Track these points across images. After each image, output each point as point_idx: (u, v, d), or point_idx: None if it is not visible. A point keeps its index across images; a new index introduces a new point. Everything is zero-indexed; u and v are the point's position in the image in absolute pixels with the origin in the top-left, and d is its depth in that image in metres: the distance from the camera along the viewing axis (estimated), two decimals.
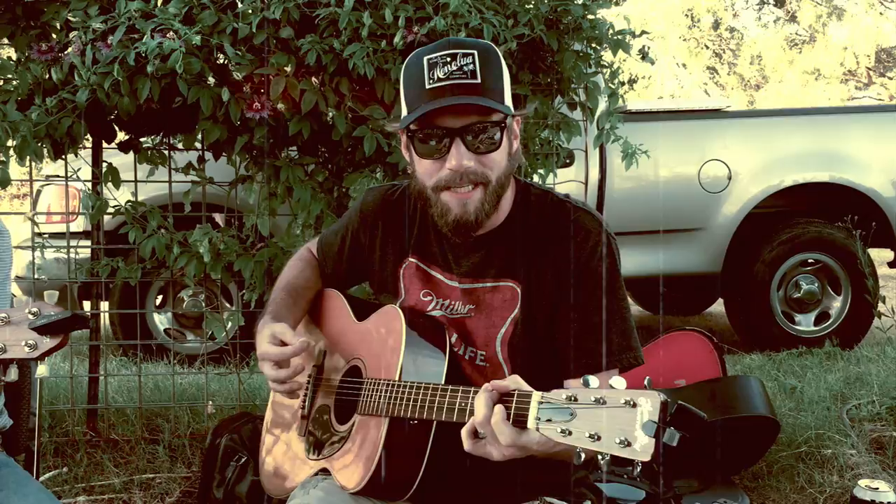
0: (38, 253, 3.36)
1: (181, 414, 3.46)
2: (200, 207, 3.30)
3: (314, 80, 2.91)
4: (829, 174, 5.25)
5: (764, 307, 5.23)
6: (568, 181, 4.32)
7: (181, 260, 3.07)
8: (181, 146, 3.23)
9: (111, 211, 3.18)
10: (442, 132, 1.51)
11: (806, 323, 5.34)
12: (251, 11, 2.81)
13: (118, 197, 3.19)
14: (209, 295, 4.39)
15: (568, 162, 4.58)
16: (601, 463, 1.13)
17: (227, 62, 2.85)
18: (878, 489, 2.23)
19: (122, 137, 3.22)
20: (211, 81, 2.78)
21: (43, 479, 2.92)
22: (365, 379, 1.65)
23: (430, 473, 1.52)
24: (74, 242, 3.41)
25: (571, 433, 1.16)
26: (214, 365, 3.88)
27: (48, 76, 2.87)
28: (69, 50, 2.84)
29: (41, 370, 1.43)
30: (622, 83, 3.18)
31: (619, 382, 1.15)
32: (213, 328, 3.74)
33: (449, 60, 1.51)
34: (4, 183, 2.90)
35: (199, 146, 3.21)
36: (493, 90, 1.52)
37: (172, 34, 2.69)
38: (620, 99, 3.14)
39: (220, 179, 3.27)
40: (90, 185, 3.24)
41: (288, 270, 1.93)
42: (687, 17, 18.02)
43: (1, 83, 2.95)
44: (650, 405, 1.11)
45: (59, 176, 3.53)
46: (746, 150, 5.26)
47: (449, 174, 1.53)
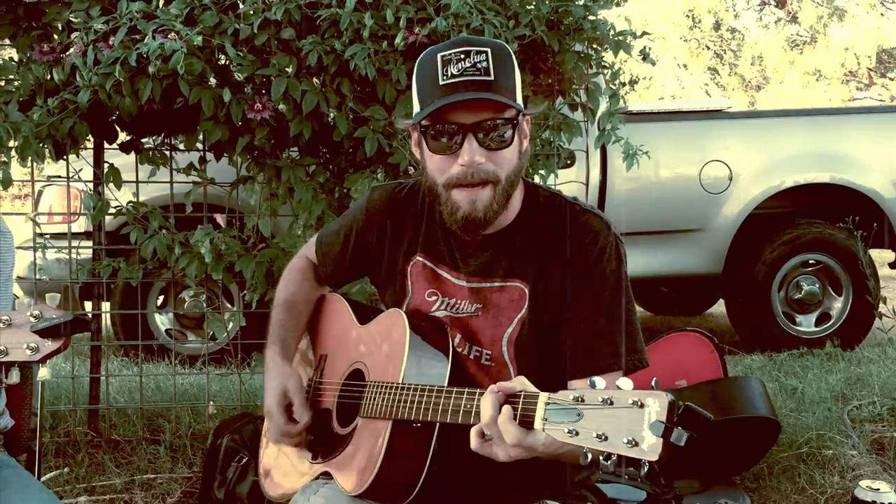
0: (39, 253, 3.36)
1: (182, 414, 3.46)
2: (202, 208, 3.30)
3: (315, 80, 2.91)
4: (829, 175, 5.25)
5: (765, 308, 5.23)
6: (569, 182, 4.32)
7: (182, 260, 3.07)
8: (182, 147, 3.24)
9: (112, 211, 3.19)
10: (455, 128, 1.52)
11: (807, 324, 5.34)
12: (252, 12, 2.82)
13: (120, 197, 3.19)
14: (210, 295, 4.39)
15: (569, 163, 4.58)
16: (608, 464, 1.13)
17: (228, 63, 2.85)
18: (879, 490, 2.23)
19: (123, 138, 3.23)
20: (212, 82, 2.78)
21: (44, 479, 2.92)
22: (368, 382, 1.65)
23: (431, 476, 1.52)
24: (76, 243, 3.42)
25: (578, 433, 1.16)
26: (216, 365, 3.88)
27: (50, 77, 2.88)
28: (71, 51, 2.85)
29: (43, 373, 1.43)
30: (623, 84, 3.18)
31: (625, 383, 1.16)
32: (214, 329, 3.73)
33: (463, 57, 1.51)
34: (6, 183, 2.91)
35: (200, 147, 3.22)
36: (505, 88, 1.52)
37: (174, 35, 2.70)
38: (621, 100, 3.14)
39: (221, 180, 3.27)
40: (92, 185, 3.24)
41: (286, 285, 1.93)
42: (688, 17, 18.00)
43: (3, 84, 2.95)
44: (658, 405, 1.11)
45: (60, 176, 3.53)
46: (747, 150, 5.26)
47: (460, 170, 1.53)
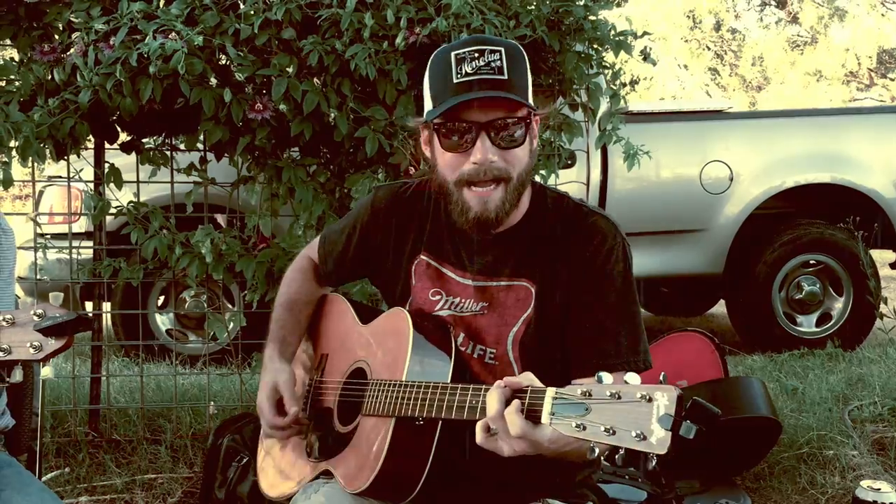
0: (40, 254, 3.36)
1: (183, 414, 3.47)
2: (202, 208, 3.30)
3: (316, 80, 2.91)
4: (830, 175, 5.25)
5: (765, 308, 5.23)
6: (569, 182, 4.32)
7: (183, 260, 3.07)
8: (183, 147, 3.24)
9: (113, 212, 3.19)
10: (468, 126, 1.52)
11: (807, 324, 5.34)
12: (253, 12, 2.82)
13: (120, 198, 3.19)
14: (211, 295, 4.39)
15: (569, 163, 4.58)
16: (608, 464, 1.13)
17: (229, 63, 2.86)
18: (880, 490, 2.23)
19: (124, 138, 3.23)
20: (213, 82, 2.78)
21: (45, 479, 2.92)
22: (370, 381, 1.65)
23: (433, 475, 1.52)
24: (77, 243, 3.42)
25: (586, 427, 1.16)
26: (216, 365, 3.88)
27: (51, 77, 2.88)
28: (71, 51, 2.85)
29: (45, 372, 1.43)
30: (624, 84, 3.18)
31: (633, 378, 1.16)
32: (214, 329, 3.73)
33: (477, 56, 1.52)
34: (7, 183, 2.91)
35: (201, 147, 3.22)
36: (518, 87, 1.53)
37: (175, 35, 2.70)
38: (622, 100, 3.14)
39: (222, 180, 3.27)
40: (92, 185, 3.24)
41: (288, 284, 1.93)
42: (688, 18, 18.00)
43: (4, 84, 2.96)
44: (666, 399, 1.11)
45: (61, 177, 3.53)
46: (748, 151, 5.26)
47: (472, 168, 1.54)
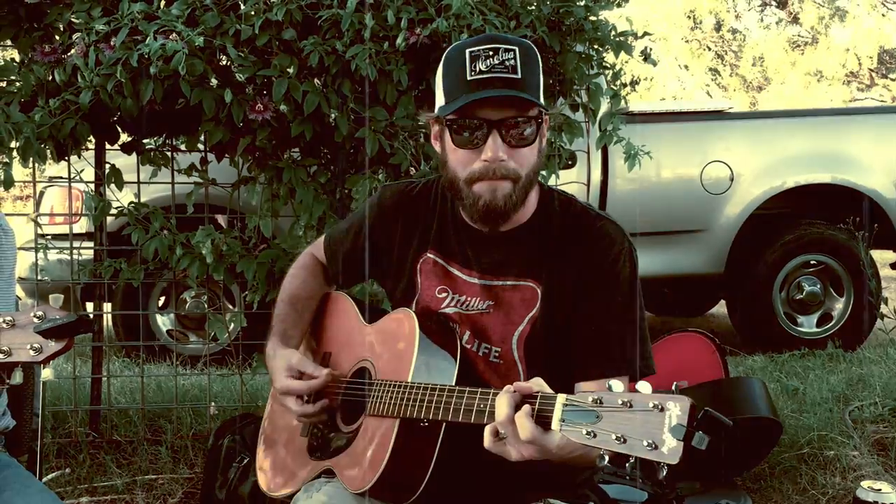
0: (41, 254, 3.36)
1: (184, 415, 3.46)
2: (203, 209, 3.30)
3: (316, 81, 2.91)
4: (831, 175, 5.25)
5: (766, 308, 5.23)
6: (570, 182, 4.33)
7: (184, 261, 3.07)
8: (184, 148, 3.24)
9: (114, 212, 3.19)
10: (480, 123, 1.54)
11: (808, 324, 5.33)
12: (254, 13, 2.82)
13: (121, 198, 3.19)
14: (212, 296, 4.39)
15: (570, 163, 4.57)
16: (626, 465, 1.14)
17: (229, 64, 2.85)
18: (880, 490, 2.22)
19: (124, 139, 3.23)
20: (214, 83, 2.78)
21: (46, 480, 2.92)
22: (374, 381, 1.65)
23: (435, 475, 1.52)
24: (77, 244, 3.42)
25: (597, 435, 1.16)
26: (217, 366, 3.88)
27: (51, 78, 2.87)
28: (72, 51, 2.85)
29: (46, 374, 1.43)
30: (624, 84, 3.17)
31: (644, 387, 1.16)
32: (215, 329, 3.74)
33: (491, 54, 1.53)
34: (8, 184, 2.91)
35: (201, 147, 3.22)
36: (531, 87, 1.55)
37: (175, 36, 2.70)
38: (622, 100, 3.14)
39: (222, 181, 3.27)
40: (93, 186, 3.24)
41: (291, 280, 1.92)
42: (689, 18, 17.98)
43: (4, 85, 2.96)
44: (678, 409, 1.11)
45: (62, 177, 3.53)
46: (748, 151, 5.25)
47: (483, 166, 1.55)
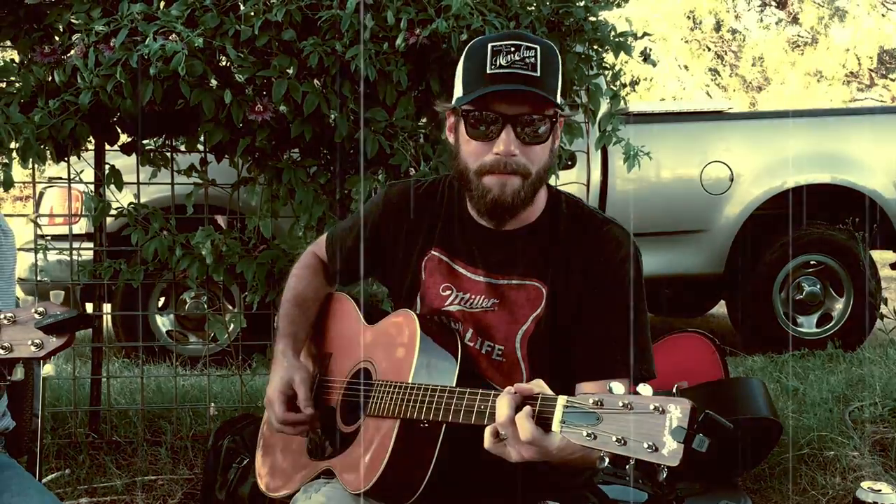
0: (40, 255, 3.36)
1: (183, 416, 3.46)
2: (203, 209, 3.30)
3: (316, 82, 2.91)
4: (831, 176, 5.25)
5: (766, 309, 5.22)
6: (570, 183, 4.32)
7: (183, 262, 3.07)
8: (183, 148, 3.24)
9: (114, 213, 3.18)
10: (495, 116, 1.55)
11: (808, 325, 5.33)
12: (253, 14, 2.82)
13: (121, 199, 3.19)
14: (211, 297, 4.39)
15: (570, 164, 4.58)
16: (626, 468, 1.14)
17: (229, 64, 2.85)
18: (880, 491, 2.22)
19: (124, 139, 3.23)
20: (213, 84, 2.78)
21: (45, 480, 2.92)
22: (375, 381, 1.65)
23: (435, 476, 1.52)
24: (77, 244, 3.42)
25: (597, 437, 1.16)
26: (217, 367, 3.88)
27: (51, 78, 2.88)
28: (72, 52, 2.85)
29: (46, 369, 1.44)
30: (624, 85, 3.18)
31: (645, 389, 1.16)
32: (215, 330, 3.73)
33: (513, 50, 1.54)
34: (7, 185, 2.91)
35: (201, 148, 3.22)
36: (549, 86, 1.56)
37: (175, 36, 2.70)
38: (622, 101, 3.14)
39: (222, 181, 3.27)
40: (93, 187, 3.24)
41: (296, 280, 1.92)
42: (689, 18, 17.97)
43: (4, 85, 2.96)
44: (679, 412, 1.11)
45: (61, 178, 3.53)
46: (748, 151, 5.25)
47: (494, 159, 1.56)
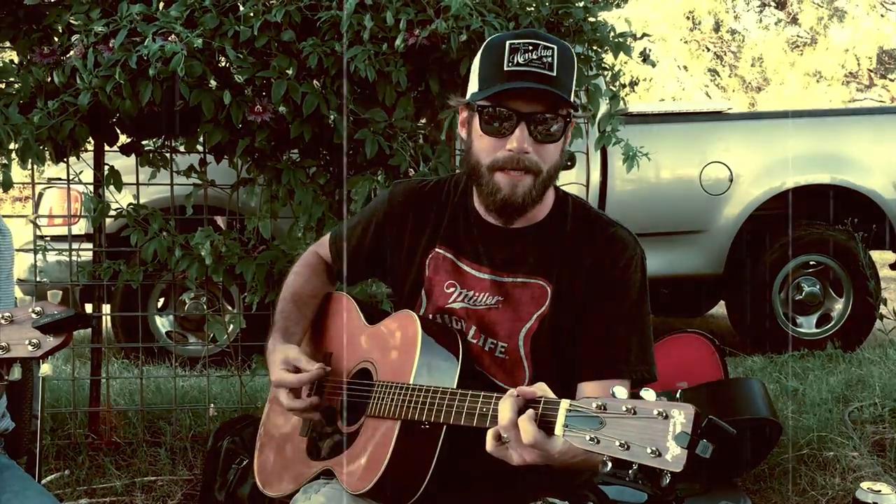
0: (39, 256, 3.36)
1: (183, 416, 3.46)
2: (202, 210, 3.30)
3: (315, 82, 2.91)
4: (830, 176, 5.25)
5: (765, 309, 5.23)
6: (569, 184, 4.32)
7: (183, 262, 3.07)
8: (183, 149, 3.24)
9: (113, 214, 3.18)
10: (510, 113, 1.56)
11: (807, 325, 5.34)
12: (253, 15, 2.82)
13: (120, 200, 3.19)
14: (211, 297, 4.39)
15: (569, 164, 4.58)
16: (629, 472, 1.14)
17: (228, 65, 2.85)
18: (880, 492, 2.22)
19: (123, 140, 3.23)
20: (213, 84, 2.78)
21: (45, 481, 2.92)
22: (376, 381, 1.65)
23: (435, 477, 1.52)
24: (76, 245, 3.42)
25: (600, 441, 1.16)
26: (216, 367, 3.88)
27: (50, 79, 2.87)
28: (71, 53, 2.85)
29: (44, 369, 1.44)
30: (623, 85, 3.17)
31: (648, 394, 1.16)
32: (214, 331, 3.73)
33: (531, 49, 1.55)
34: (7, 186, 2.91)
35: (200, 149, 3.22)
36: (564, 86, 1.57)
37: (174, 37, 2.70)
38: (621, 101, 3.14)
39: (221, 182, 3.27)
40: (92, 187, 3.24)
41: (294, 278, 1.92)
42: (688, 19, 17.98)
43: (3, 86, 2.96)
44: (683, 417, 1.12)
45: (60, 179, 3.54)
46: (748, 152, 5.26)
47: (507, 155, 1.57)
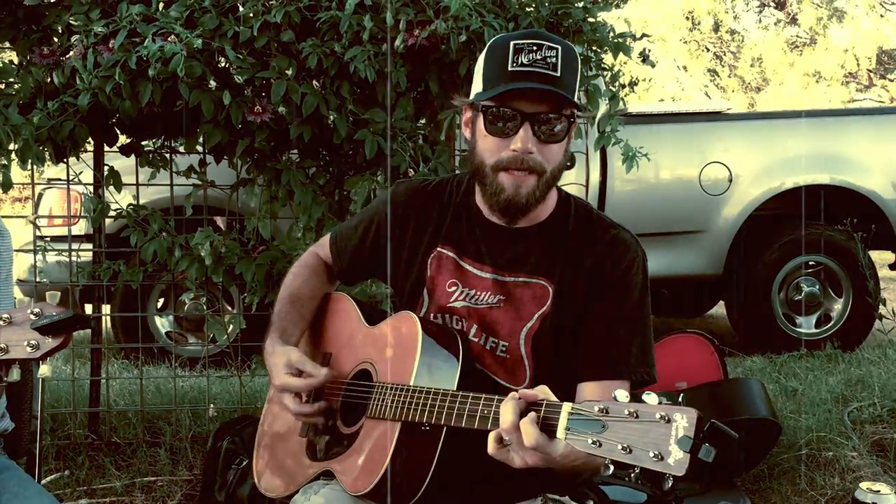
0: (39, 256, 3.36)
1: (182, 417, 3.46)
2: (202, 210, 3.30)
3: (315, 83, 2.91)
4: (829, 176, 5.25)
5: (765, 309, 5.23)
6: (569, 184, 4.32)
7: (182, 263, 3.07)
8: (182, 149, 3.24)
9: (113, 214, 3.19)
10: (514, 114, 1.56)
11: (807, 325, 5.33)
12: (252, 15, 2.82)
13: (120, 200, 3.19)
14: (210, 298, 4.39)
15: (569, 165, 4.57)
16: (631, 475, 1.14)
17: (228, 66, 2.85)
18: (879, 492, 2.23)
19: (123, 141, 3.23)
20: (212, 85, 2.78)
21: (45, 482, 2.92)
22: (376, 382, 1.65)
23: (436, 479, 1.52)
24: (76, 246, 3.42)
25: (602, 445, 1.16)
26: (216, 368, 3.88)
27: (50, 80, 2.87)
28: (71, 54, 2.85)
29: (43, 370, 1.44)
30: (623, 86, 3.18)
31: (651, 397, 1.16)
32: (214, 331, 3.73)
33: (535, 49, 1.56)
34: (6, 186, 2.91)
35: (200, 149, 3.22)
36: (568, 87, 1.57)
37: (174, 38, 2.70)
38: (621, 101, 3.15)
39: (221, 183, 3.27)
40: (92, 188, 3.24)
41: (292, 279, 1.92)
42: (687, 19, 17.99)
43: (3, 87, 2.96)
44: (685, 421, 1.11)
45: (60, 179, 3.54)
46: (747, 152, 5.26)
47: (511, 155, 1.57)
